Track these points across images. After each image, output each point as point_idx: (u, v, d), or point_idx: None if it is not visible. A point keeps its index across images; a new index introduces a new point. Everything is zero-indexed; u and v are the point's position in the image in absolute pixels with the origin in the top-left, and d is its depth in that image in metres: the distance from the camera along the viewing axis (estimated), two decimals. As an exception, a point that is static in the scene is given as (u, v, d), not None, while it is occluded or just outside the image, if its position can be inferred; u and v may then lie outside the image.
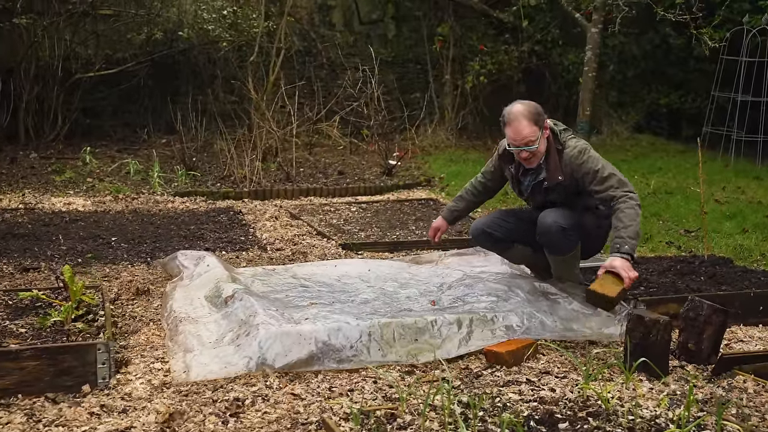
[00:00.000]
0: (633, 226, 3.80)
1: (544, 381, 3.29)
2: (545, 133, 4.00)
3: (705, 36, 7.94)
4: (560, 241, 4.06)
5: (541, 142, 3.98)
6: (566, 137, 4.08)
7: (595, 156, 3.99)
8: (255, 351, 3.39)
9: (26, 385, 3.07)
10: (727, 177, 8.96)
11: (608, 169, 3.95)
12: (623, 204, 3.83)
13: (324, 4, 12.25)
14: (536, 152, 3.99)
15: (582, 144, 4.06)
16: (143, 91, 10.39)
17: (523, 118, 3.93)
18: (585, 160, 3.96)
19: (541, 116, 3.99)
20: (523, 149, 3.97)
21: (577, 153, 3.98)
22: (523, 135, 3.93)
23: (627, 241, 3.76)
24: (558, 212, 4.06)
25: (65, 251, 5.21)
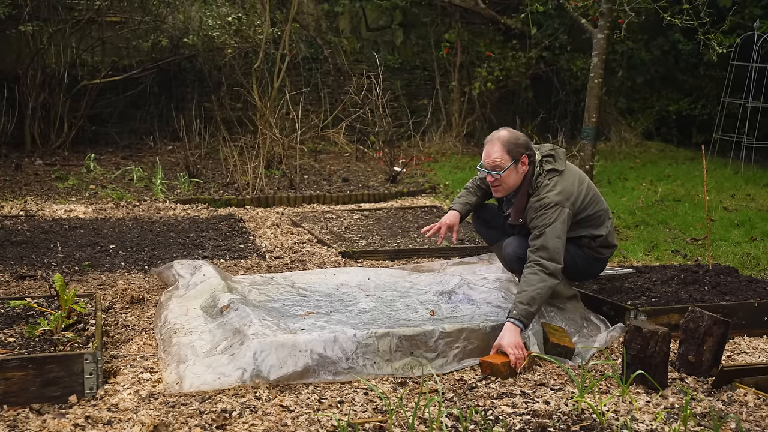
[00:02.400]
0: (528, 291, 3.58)
1: (538, 393, 3.22)
2: (521, 168, 3.86)
3: (713, 42, 7.83)
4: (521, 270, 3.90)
5: (511, 173, 3.85)
6: (543, 182, 3.86)
7: (554, 216, 3.75)
8: (249, 362, 3.33)
9: (11, 395, 3.03)
10: (737, 184, 8.84)
11: (547, 235, 3.71)
12: (527, 269, 3.67)
13: (331, 11, 12.24)
14: (502, 180, 3.88)
15: (552, 196, 3.80)
16: (149, 98, 10.41)
17: (498, 142, 3.86)
18: (538, 215, 3.78)
19: (519, 149, 3.84)
20: (488, 173, 3.90)
21: (538, 206, 3.80)
22: (491, 158, 3.86)
23: (517, 306, 3.56)
24: (519, 240, 4.00)
25: (62, 259, 5.18)
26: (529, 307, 3.57)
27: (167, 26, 10.00)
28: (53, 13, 9.41)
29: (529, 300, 3.57)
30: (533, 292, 3.59)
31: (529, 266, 3.68)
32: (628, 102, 12.48)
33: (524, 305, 3.56)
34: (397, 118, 10.95)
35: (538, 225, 3.77)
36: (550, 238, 3.71)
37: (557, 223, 3.76)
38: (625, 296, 4.28)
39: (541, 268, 3.66)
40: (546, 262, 3.67)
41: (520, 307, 3.56)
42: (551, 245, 3.70)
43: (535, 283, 3.61)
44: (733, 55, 9.98)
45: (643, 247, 5.93)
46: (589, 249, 4.10)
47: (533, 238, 3.77)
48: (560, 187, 3.84)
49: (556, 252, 3.70)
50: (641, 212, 7.23)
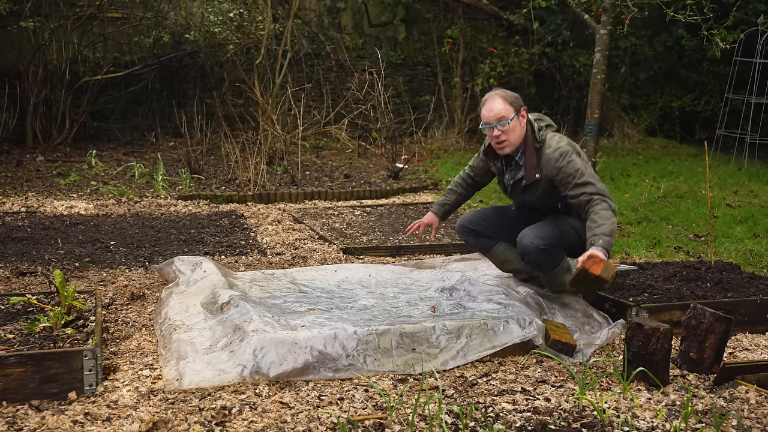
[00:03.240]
0: (607, 224, 3.72)
1: (539, 390, 3.20)
2: (522, 119, 3.93)
3: (717, 38, 7.79)
4: (541, 261, 3.99)
5: (516, 125, 3.89)
6: (546, 135, 3.97)
7: (576, 161, 3.87)
8: (249, 359, 3.32)
9: (11, 392, 3.02)
10: (740, 180, 8.81)
11: (586, 175, 3.85)
12: (597, 206, 3.77)
13: (333, 7, 12.21)
14: (509, 132, 3.89)
15: (564, 145, 3.93)
16: (151, 94, 10.40)
17: (498, 96, 3.92)
18: (564, 164, 3.86)
19: (517, 101, 3.93)
20: (495, 126, 3.88)
21: (558, 156, 3.87)
22: (495, 111, 3.88)
23: (601, 237, 3.67)
24: (535, 229, 3.98)
25: (63, 255, 5.18)
26: (611, 238, 3.69)
27: (169, 22, 9.99)
28: (54, 9, 9.40)
29: (610, 232, 3.70)
30: (611, 225, 3.72)
31: (597, 203, 3.76)
32: (631, 98, 12.45)
33: (608, 237, 3.68)
34: (400, 114, 10.93)
35: (574, 174, 3.82)
36: (595, 180, 3.83)
37: (588, 168, 3.88)
38: (627, 293, 4.26)
39: (609, 204, 3.78)
40: (608, 200, 3.80)
41: (605, 239, 3.66)
42: (599, 185, 3.84)
43: (609, 218, 3.74)
44: (737, 51, 9.94)
45: (645, 244, 5.91)
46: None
47: (578, 187, 3.81)
48: (566, 139, 3.98)
49: (606, 191, 3.84)
50: (644, 209, 7.20)
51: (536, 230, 3.98)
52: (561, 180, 3.88)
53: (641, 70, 12.27)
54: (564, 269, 4.09)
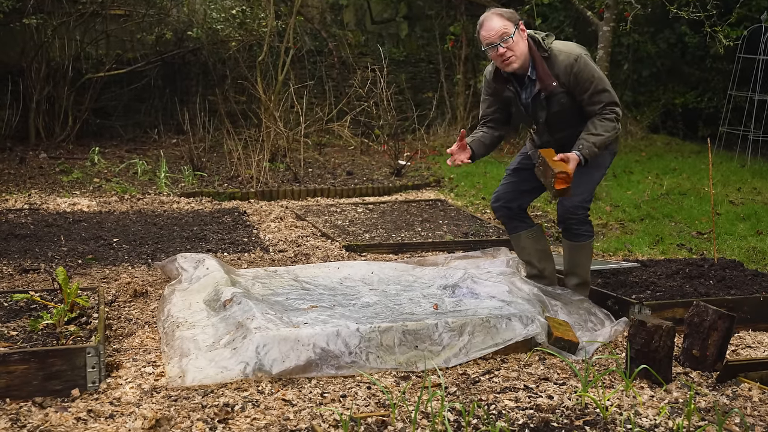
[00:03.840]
0: (602, 136, 3.86)
1: (542, 388, 3.20)
2: (522, 33, 3.85)
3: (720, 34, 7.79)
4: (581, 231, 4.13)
5: (518, 39, 3.81)
6: (551, 43, 3.92)
7: (591, 65, 3.91)
8: (252, 356, 3.32)
9: (14, 389, 3.03)
10: (744, 177, 8.80)
11: (603, 82, 3.91)
12: (605, 115, 3.89)
13: (336, 3, 12.20)
14: (514, 47, 3.80)
15: (575, 49, 3.93)
16: (153, 91, 10.40)
17: (494, 15, 3.84)
18: (579, 70, 3.85)
19: (514, 15, 3.88)
20: (498, 45, 3.78)
21: (573, 61, 3.85)
22: (496, 29, 3.78)
23: (590, 146, 3.84)
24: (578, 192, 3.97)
25: (66, 252, 5.18)
26: (598, 150, 3.88)
27: (171, 19, 9.99)
28: (57, 6, 9.40)
29: (601, 143, 3.86)
30: (607, 137, 3.87)
31: (605, 113, 3.88)
32: (633, 95, 12.42)
33: (595, 148, 3.85)
34: (402, 111, 10.92)
35: (590, 79, 3.86)
36: (610, 88, 3.91)
37: (601, 73, 3.93)
38: (630, 290, 4.27)
39: (616, 116, 3.89)
40: (617, 109, 3.91)
41: (591, 148, 3.85)
42: (613, 93, 3.92)
43: (609, 130, 3.87)
44: (740, 48, 9.92)
45: (648, 241, 5.91)
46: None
47: (595, 95, 3.87)
48: (569, 43, 4.03)
49: (616, 97, 3.95)
50: (646, 206, 7.19)
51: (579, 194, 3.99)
52: (578, 86, 3.88)
53: (644, 67, 12.24)
54: (590, 247, 4.19)
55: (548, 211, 7.02)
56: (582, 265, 4.19)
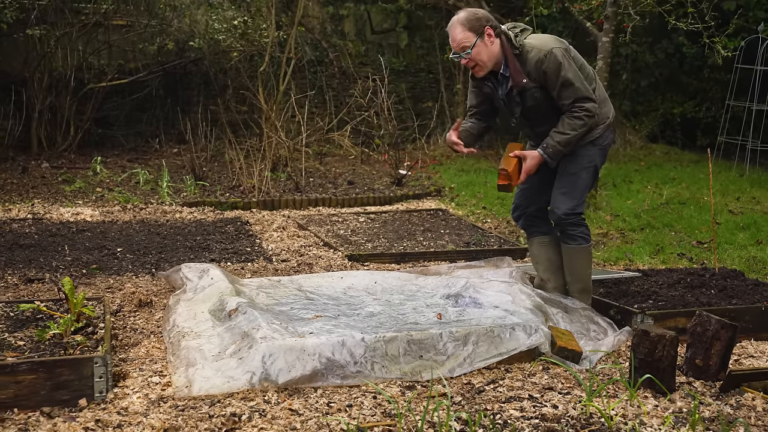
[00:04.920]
0: (569, 135, 3.86)
1: (547, 397, 3.23)
2: (489, 39, 3.86)
3: (718, 45, 7.84)
4: (576, 234, 4.13)
5: (480, 49, 3.85)
6: (524, 39, 3.92)
7: (559, 58, 3.83)
8: (258, 366, 3.34)
9: (22, 399, 3.05)
10: (742, 187, 8.85)
11: (572, 77, 3.84)
12: (573, 114, 3.87)
13: (336, 14, 12.26)
14: (477, 57, 3.87)
15: (547, 43, 3.89)
16: (155, 101, 10.44)
17: (457, 24, 3.88)
18: (547, 64, 3.83)
19: (480, 22, 3.86)
20: (460, 56, 3.90)
21: (542, 56, 3.83)
22: (457, 40, 3.87)
23: (554, 145, 3.89)
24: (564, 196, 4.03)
25: (70, 262, 5.21)
26: (563, 149, 3.91)
27: (173, 29, 10.03)
28: (60, 17, 9.44)
29: (565, 142, 3.89)
30: (573, 136, 3.88)
31: (574, 111, 3.87)
32: (632, 105, 12.48)
33: (560, 147, 3.90)
34: (402, 120, 10.97)
35: (557, 72, 3.83)
36: (579, 84, 3.86)
37: (572, 67, 3.87)
38: (632, 300, 4.29)
39: (585, 112, 3.86)
40: (587, 105, 3.86)
41: (556, 147, 3.90)
42: (583, 88, 3.86)
43: (577, 128, 3.87)
44: (738, 58, 9.98)
45: (648, 250, 5.94)
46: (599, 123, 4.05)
47: (562, 89, 3.86)
48: (543, 37, 3.98)
49: (588, 91, 3.88)
50: (646, 215, 7.23)
51: (565, 198, 4.04)
52: (548, 82, 3.88)
53: (642, 76, 12.31)
54: (589, 251, 4.20)
55: (549, 220, 7.05)
56: (581, 271, 4.19)
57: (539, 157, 3.92)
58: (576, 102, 3.86)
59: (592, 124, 3.92)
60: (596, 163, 4.11)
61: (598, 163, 4.12)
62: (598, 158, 4.10)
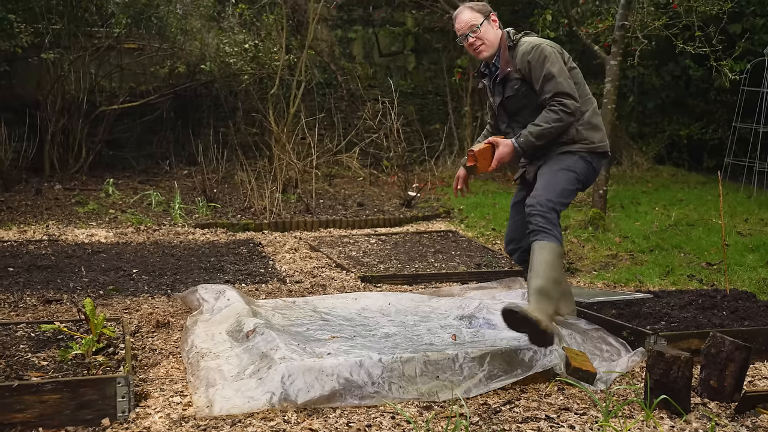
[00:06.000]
0: (541, 127, 3.87)
1: (563, 418, 3.26)
2: (494, 24, 4.06)
3: (725, 68, 7.94)
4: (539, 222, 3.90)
5: (487, 28, 4.03)
6: (521, 36, 4.08)
7: (547, 52, 3.91)
8: (277, 386, 3.38)
9: (47, 418, 3.09)
10: (750, 208, 8.88)
11: (553, 70, 3.88)
12: (549, 108, 3.88)
13: (344, 37, 12.41)
14: (483, 36, 4.02)
15: (539, 40, 4.01)
16: (166, 123, 10.55)
17: (464, 8, 4.09)
18: (533, 56, 3.91)
19: (485, 7, 4.10)
20: (468, 35, 4.02)
21: (530, 48, 3.94)
22: (464, 21, 4.03)
23: (527, 135, 3.89)
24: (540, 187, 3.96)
25: (87, 283, 5.27)
26: (536, 140, 3.90)
27: (184, 53, 10.16)
28: (74, 41, 9.58)
29: (538, 134, 3.88)
30: (546, 129, 3.87)
31: (552, 105, 3.87)
32: (639, 126, 12.57)
33: (532, 138, 3.89)
34: (410, 142, 11.06)
35: (542, 64, 3.88)
36: (561, 79, 3.87)
37: (558, 63, 3.90)
38: (644, 321, 4.32)
39: (562, 107, 3.85)
40: (567, 101, 3.85)
41: (528, 138, 3.90)
42: (565, 84, 3.87)
43: (551, 122, 3.86)
44: (744, 81, 10.07)
45: (658, 272, 5.98)
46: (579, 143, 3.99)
47: (543, 83, 3.88)
48: (544, 40, 4.05)
49: (571, 89, 3.88)
50: (655, 237, 7.27)
51: (544, 190, 3.93)
52: (531, 73, 3.93)
53: (649, 99, 12.40)
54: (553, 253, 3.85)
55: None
56: (541, 270, 3.83)
57: (511, 145, 3.94)
58: (555, 96, 3.87)
59: (569, 121, 3.90)
60: (576, 170, 3.99)
61: (579, 172, 4.00)
62: (580, 167, 4.00)
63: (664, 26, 7.97)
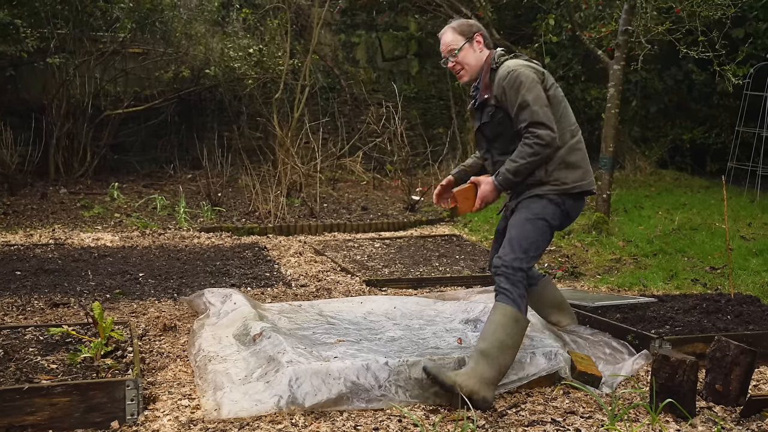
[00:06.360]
0: (518, 163, 3.64)
1: (569, 421, 3.28)
2: (477, 45, 3.82)
3: (728, 73, 7.96)
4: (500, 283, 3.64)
5: (468, 52, 3.81)
6: (505, 59, 3.79)
7: (523, 77, 3.64)
8: (285, 389, 3.40)
9: (57, 421, 3.12)
10: (753, 212, 8.90)
11: (530, 99, 3.62)
12: (524, 141, 3.63)
13: (348, 41, 12.45)
14: (463, 61, 3.82)
15: (518, 64, 3.72)
16: (170, 128, 10.59)
17: (448, 29, 3.88)
18: (508, 82, 3.66)
19: (471, 28, 3.84)
20: (448, 59, 3.86)
21: (506, 73, 3.68)
22: (446, 43, 3.85)
23: (504, 173, 3.67)
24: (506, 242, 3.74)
25: (94, 287, 5.29)
26: (513, 177, 3.68)
27: (189, 57, 10.20)
28: (79, 46, 9.62)
29: (514, 171, 3.67)
30: (522, 165, 3.65)
31: (526, 137, 3.62)
32: (642, 131, 12.59)
33: (509, 175, 3.68)
34: (414, 147, 11.09)
35: (517, 90, 3.64)
36: (537, 107, 3.60)
37: (534, 90, 3.63)
38: (649, 325, 4.34)
39: (537, 140, 3.60)
40: (541, 132, 3.59)
41: (506, 176, 3.69)
42: (541, 113, 3.60)
43: (526, 156, 3.63)
44: (747, 85, 10.09)
45: (662, 276, 6.00)
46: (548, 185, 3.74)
47: (519, 113, 3.64)
48: (522, 61, 3.77)
49: (548, 119, 3.61)
50: (659, 241, 7.29)
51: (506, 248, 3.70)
52: (507, 100, 3.70)
53: (652, 103, 12.43)
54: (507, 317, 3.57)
55: (561, 246, 7.12)
56: (489, 333, 3.53)
57: (492, 183, 3.75)
58: (530, 126, 3.62)
59: (546, 153, 3.63)
60: (546, 217, 3.72)
61: (549, 218, 3.72)
62: (549, 212, 3.73)
63: (668, 31, 7.99)
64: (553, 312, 4.35)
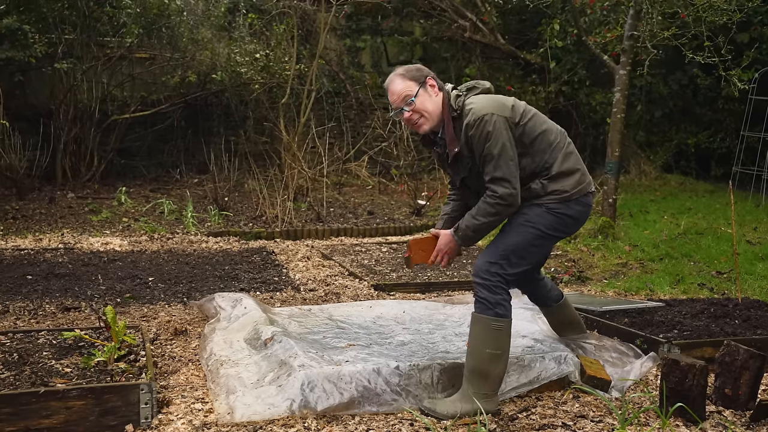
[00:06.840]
0: (479, 221, 3.44)
1: (580, 425, 3.30)
2: (432, 90, 3.52)
3: (734, 77, 7.99)
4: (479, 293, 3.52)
5: (424, 98, 3.49)
6: (465, 100, 3.50)
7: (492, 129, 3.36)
8: (297, 393, 3.43)
9: (72, 424, 3.15)
10: (759, 217, 8.91)
11: (494, 150, 3.37)
12: (485, 197, 3.44)
13: (353, 46, 12.49)
14: (421, 108, 3.49)
15: (484, 107, 3.41)
16: (177, 132, 10.64)
17: (396, 77, 3.53)
18: (476, 131, 3.38)
19: (420, 72, 3.53)
20: (403, 109, 3.50)
21: (472, 122, 3.38)
22: (397, 92, 3.49)
23: (465, 229, 3.48)
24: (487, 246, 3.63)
25: (104, 291, 5.33)
26: (475, 235, 3.50)
27: (195, 62, 10.26)
28: (86, 51, 9.68)
29: (475, 228, 3.47)
30: (482, 223, 3.45)
31: (488, 194, 3.42)
32: (646, 135, 12.62)
33: (470, 232, 3.49)
34: (420, 151, 11.12)
35: (483, 151, 3.39)
36: (501, 162, 3.38)
37: (500, 140, 3.37)
38: (657, 329, 4.36)
39: (498, 199, 3.39)
40: (502, 191, 3.38)
41: (467, 232, 3.50)
42: (504, 168, 3.38)
43: (487, 215, 3.42)
44: (752, 89, 10.11)
45: (669, 281, 6.01)
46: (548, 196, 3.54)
47: (483, 164, 3.42)
48: (486, 100, 3.47)
49: (510, 174, 3.38)
50: (665, 245, 7.31)
51: (486, 252, 3.56)
52: (474, 151, 3.44)
53: (657, 107, 12.46)
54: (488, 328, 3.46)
55: (567, 250, 7.14)
56: (476, 348, 3.46)
57: (449, 236, 3.57)
58: (492, 182, 3.40)
59: (508, 213, 3.45)
60: (540, 227, 3.52)
61: (544, 228, 3.53)
62: (545, 221, 3.53)
63: (673, 36, 8.02)
64: (567, 330, 4.32)
